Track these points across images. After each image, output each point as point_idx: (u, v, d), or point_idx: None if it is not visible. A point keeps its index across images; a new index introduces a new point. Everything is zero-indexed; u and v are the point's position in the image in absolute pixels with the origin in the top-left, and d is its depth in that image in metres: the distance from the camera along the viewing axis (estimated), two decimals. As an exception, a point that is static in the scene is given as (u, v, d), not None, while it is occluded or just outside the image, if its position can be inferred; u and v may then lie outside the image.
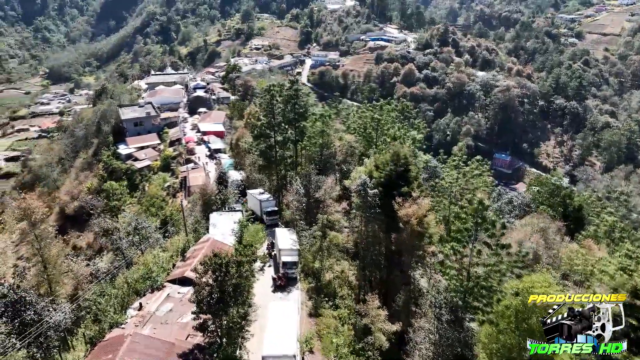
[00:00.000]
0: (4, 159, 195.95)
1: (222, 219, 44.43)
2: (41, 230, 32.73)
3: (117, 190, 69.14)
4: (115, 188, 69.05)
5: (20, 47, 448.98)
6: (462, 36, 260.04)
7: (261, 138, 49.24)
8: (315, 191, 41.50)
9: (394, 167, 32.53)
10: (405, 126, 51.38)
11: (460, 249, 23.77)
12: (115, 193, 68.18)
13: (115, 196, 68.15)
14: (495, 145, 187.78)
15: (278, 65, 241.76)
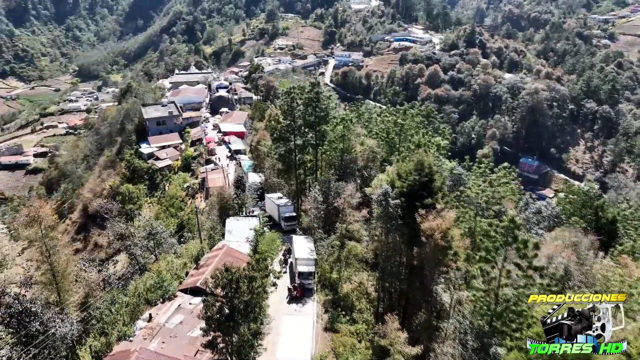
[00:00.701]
0: (33, 154, 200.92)
1: (238, 225, 43.54)
2: (50, 237, 32.22)
3: (133, 193, 69.03)
4: (132, 191, 68.97)
5: (52, 45, 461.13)
6: (490, 37, 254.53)
7: (281, 141, 48.18)
8: (335, 198, 40.16)
9: (418, 176, 30.86)
10: (430, 132, 49.46)
11: (488, 270, 22.05)
12: (131, 196, 68.03)
13: (132, 200, 68.01)
14: (521, 149, 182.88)
15: (301, 65, 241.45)
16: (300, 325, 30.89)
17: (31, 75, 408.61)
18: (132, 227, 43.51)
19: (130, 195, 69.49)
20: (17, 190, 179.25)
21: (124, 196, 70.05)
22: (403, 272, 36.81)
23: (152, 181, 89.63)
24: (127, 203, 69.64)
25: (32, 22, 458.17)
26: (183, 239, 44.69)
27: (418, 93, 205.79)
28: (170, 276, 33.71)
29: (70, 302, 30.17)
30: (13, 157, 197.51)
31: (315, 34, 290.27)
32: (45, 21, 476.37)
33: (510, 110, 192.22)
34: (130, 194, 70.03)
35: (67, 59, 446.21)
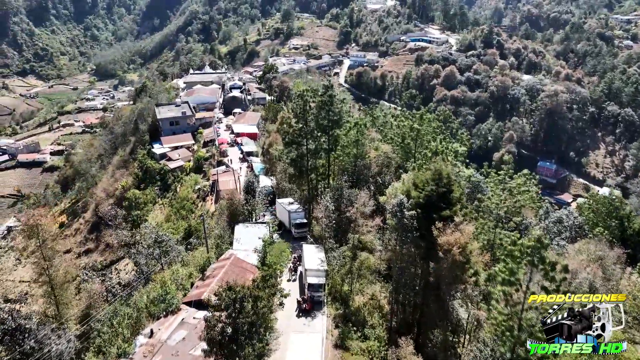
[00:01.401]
0: (49, 152, 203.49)
1: (247, 232, 42.28)
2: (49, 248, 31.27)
3: (140, 198, 67.86)
4: (138, 197, 67.83)
5: (71, 44, 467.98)
6: (508, 38, 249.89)
7: (292, 145, 46.83)
8: (347, 206, 38.68)
9: (435, 187, 29.21)
10: (447, 138, 47.62)
11: (512, 292, 20.40)
12: (138, 202, 66.90)
13: (138, 205, 66.88)
14: (540, 153, 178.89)
15: (316, 65, 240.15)
16: (309, 341, 29.55)
17: (50, 74, 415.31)
18: (138, 233, 42.55)
19: (137, 200, 68.29)
20: (34, 187, 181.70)
21: (130, 202, 68.95)
22: (418, 284, 35.20)
23: (164, 182, 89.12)
24: (133, 209, 68.52)
25: (51, 22, 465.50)
26: (191, 246, 43.54)
27: (434, 94, 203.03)
28: (175, 287, 32.57)
29: (70, 315, 29.16)
30: (30, 155, 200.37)
31: (331, 34, 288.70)
32: (65, 20, 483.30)
33: (528, 113, 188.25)
34: (136, 199, 68.84)
35: (85, 58, 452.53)
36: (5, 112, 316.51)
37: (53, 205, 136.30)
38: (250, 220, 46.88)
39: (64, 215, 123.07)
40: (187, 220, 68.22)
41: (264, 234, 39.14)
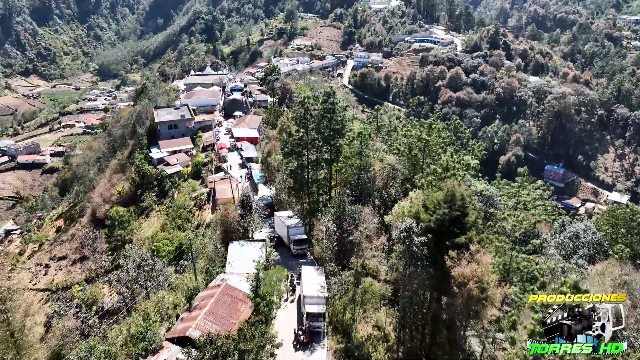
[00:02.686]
0: (49, 154, 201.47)
1: (242, 252, 39.30)
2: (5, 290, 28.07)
3: (123, 217, 64.23)
4: (122, 214, 64.24)
5: (74, 44, 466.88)
6: (514, 38, 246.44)
7: (292, 156, 43.91)
8: (350, 225, 35.78)
9: (448, 210, 26.28)
10: (458, 148, 44.49)
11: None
12: (121, 220, 63.33)
13: (122, 224, 63.29)
14: (547, 156, 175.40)
15: (319, 66, 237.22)
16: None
17: (53, 74, 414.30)
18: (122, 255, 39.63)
19: (121, 219, 64.51)
20: (34, 189, 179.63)
21: (113, 220, 65.22)
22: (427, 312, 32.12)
23: (161, 188, 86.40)
24: (116, 228, 64.94)
25: (55, 21, 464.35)
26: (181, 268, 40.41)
27: (439, 96, 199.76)
28: (158, 318, 29.58)
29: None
30: (30, 156, 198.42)
31: (334, 34, 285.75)
32: (68, 20, 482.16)
33: (535, 115, 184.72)
34: (120, 217, 65.09)
35: (88, 58, 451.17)
36: (7, 112, 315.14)
37: (50, 209, 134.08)
38: (246, 237, 43.88)
39: (61, 219, 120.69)
40: (183, 230, 65.46)
41: (258, 256, 36.18)
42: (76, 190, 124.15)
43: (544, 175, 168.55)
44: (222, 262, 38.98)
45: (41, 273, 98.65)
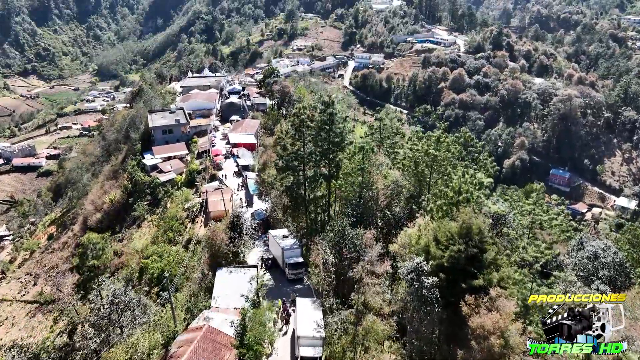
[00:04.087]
0: (45, 156, 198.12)
1: (230, 281, 35.70)
2: None
3: (97, 244, 59.72)
4: (96, 242, 59.71)
5: (73, 44, 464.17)
6: (517, 39, 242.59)
7: (287, 171, 40.36)
8: (350, 252, 32.28)
9: (464, 246, 22.85)
10: (468, 163, 40.90)
11: None
12: (95, 247, 58.87)
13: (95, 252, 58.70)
14: (552, 159, 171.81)
15: (320, 67, 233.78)
16: None
17: (52, 74, 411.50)
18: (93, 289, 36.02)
19: (95, 246, 59.77)
20: (28, 193, 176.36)
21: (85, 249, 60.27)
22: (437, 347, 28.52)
23: (153, 196, 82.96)
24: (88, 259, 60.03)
25: (54, 21, 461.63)
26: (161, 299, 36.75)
27: (441, 98, 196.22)
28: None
29: None
30: (26, 159, 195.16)
31: (335, 34, 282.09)
32: (67, 20, 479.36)
33: (540, 118, 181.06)
34: (94, 246, 60.30)
35: (87, 58, 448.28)
36: (5, 113, 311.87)
37: (43, 215, 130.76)
38: (237, 260, 40.24)
39: (53, 226, 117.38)
40: (174, 244, 62.03)
41: (247, 289, 32.56)
42: (69, 196, 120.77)
43: (549, 180, 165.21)
44: (208, 293, 35.34)
45: (30, 283, 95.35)
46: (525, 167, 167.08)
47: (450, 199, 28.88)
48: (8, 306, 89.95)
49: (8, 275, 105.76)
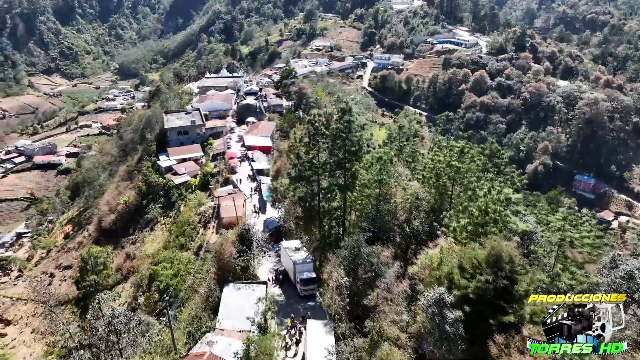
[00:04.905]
0: (65, 154, 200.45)
1: (237, 299, 33.86)
2: None
3: (99, 258, 57.38)
4: (97, 256, 57.48)
5: (95, 43, 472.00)
6: (541, 40, 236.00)
7: (300, 181, 38.36)
8: (366, 272, 30.18)
9: (493, 276, 20.55)
10: (494, 176, 38.22)
11: None
12: (96, 262, 56.55)
13: (96, 267, 56.53)
14: (576, 165, 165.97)
15: (338, 67, 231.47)
16: None
17: (74, 73, 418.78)
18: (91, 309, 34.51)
19: (96, 260, 57.51)
20: (48, 190, 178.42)
21: (86, 263, 57.96)
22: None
23: (167, 199, 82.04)
24: (88, 274, 57.89)
25: (77, 21, 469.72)
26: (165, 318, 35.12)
27: (462, 100, 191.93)
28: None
29: None
30: (46, 157, 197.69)
31: (354, 34, 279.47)
32: (90, 19, 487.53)
33: (564, 122, 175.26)
34: (95, 260, 58.04)
35: (109, 57, 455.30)
36: (29, 110, 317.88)
37: (60, 213, 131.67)
38: (247, 273, 38.37)
39: (70, 225, 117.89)
40: (186, 249, 60.74)
41: (254, 312, 30.64)
42: (86, 195, 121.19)
43: (573, 186, 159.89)
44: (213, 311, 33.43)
45: (45, 283, 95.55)
46: (549, 172, 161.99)
47: (476, 219, 26.55)
48: (23, 305, 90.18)
49: (25, 273, 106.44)
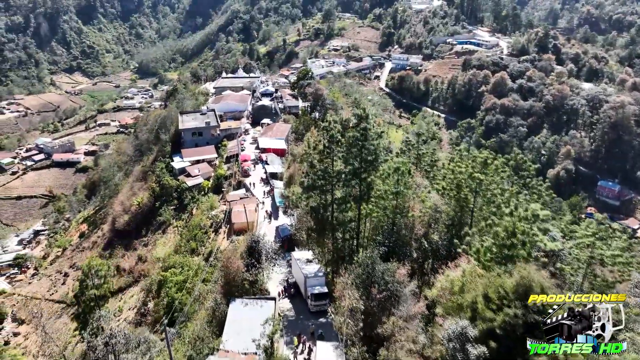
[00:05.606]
0: (83, 152, 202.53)
1: (244, 317, 32.24)
2: None
3: (100, 271, 54.84)
4: (97, 268, 54.96)
5: (116, 42, 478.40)
6: (565, 41, 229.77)
7: (313, 191, 36.56)
8: (380, 291, 28.29)
9: (523, 309, 18.52)
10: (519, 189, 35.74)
11: None
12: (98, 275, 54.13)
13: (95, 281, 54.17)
14: (600, 171, 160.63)
15: (356, 68, 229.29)
16: None
17: (95, 71, 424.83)
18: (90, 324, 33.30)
19: (96, 274, 55.02)
20: (66, 188, 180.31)
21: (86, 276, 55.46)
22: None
23: (180, 201, 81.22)
24: (88, 288, 55.70)
25: (99, 20, 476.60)
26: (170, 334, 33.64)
27: (482, 102, 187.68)
28: None
29: None
30: (65, 155, 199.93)
31: (372, 34, 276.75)
32: (112, 19, 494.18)
33: (588, 126, 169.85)
34: (95, 273, 55.52)
35: (129, 56, 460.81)
36: (51, 108, 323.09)
37: (77, 212, 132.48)
38: (255, 287, 36.75)
39: (85, 223, 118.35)
40: (197, 254, 59.59)
41: (260, 333, 28.99)
42: (102, 195, 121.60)
43: (597, 192, 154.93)
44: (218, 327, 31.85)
45: (59, 282, 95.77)
46: (571, 177, 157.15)
47: (502, 240, 24.41)
48: (37, 305, 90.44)
49: (40, 271, 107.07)
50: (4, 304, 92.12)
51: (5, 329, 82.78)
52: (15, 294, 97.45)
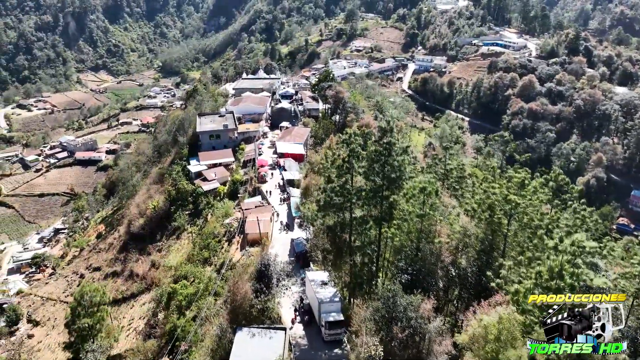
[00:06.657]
0: (105, 151, 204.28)
1: (251, 349, 29.59)
2: None
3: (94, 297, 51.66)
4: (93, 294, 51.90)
5: (141, 41, 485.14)
6: (597, 43, 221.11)
7: (330, 209, 33.63)
8: (402, 329, 25.36)
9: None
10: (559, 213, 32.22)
11: None
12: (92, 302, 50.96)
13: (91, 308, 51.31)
14: (634, 179, 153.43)
15: (378, 69, 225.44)
16: None
17: (120, 70, 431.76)
18: None
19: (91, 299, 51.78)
20: (87, 187, 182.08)
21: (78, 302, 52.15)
22: None
23: (195, 205, 79.47)
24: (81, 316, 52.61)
25: (125, 19, 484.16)
26: None
27: (508, 106, 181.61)
28: None
29: None
30: (87, 153, 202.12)
31: (396, 35, 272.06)
32: (137, 18, 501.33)
33: (621, 132, 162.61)
34: (91, 298, 52.24)
35: (153, 55, 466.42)
36: (76, 106, 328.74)
37: (95, 212, 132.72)
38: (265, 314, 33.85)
39: (102, 224, 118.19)
40: (209, 264, 57.51)
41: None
42: (120, 195, 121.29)
43: (630, 202, 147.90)
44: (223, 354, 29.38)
45: (75, 283, 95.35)
46: (602, 186, 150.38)
47: (546, 283, 21.10)
48: (52, 306, 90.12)
49: (57, 271, 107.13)
50: (21, 304, 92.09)
51: (20, 330, 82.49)
52: (32, 294, 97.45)
